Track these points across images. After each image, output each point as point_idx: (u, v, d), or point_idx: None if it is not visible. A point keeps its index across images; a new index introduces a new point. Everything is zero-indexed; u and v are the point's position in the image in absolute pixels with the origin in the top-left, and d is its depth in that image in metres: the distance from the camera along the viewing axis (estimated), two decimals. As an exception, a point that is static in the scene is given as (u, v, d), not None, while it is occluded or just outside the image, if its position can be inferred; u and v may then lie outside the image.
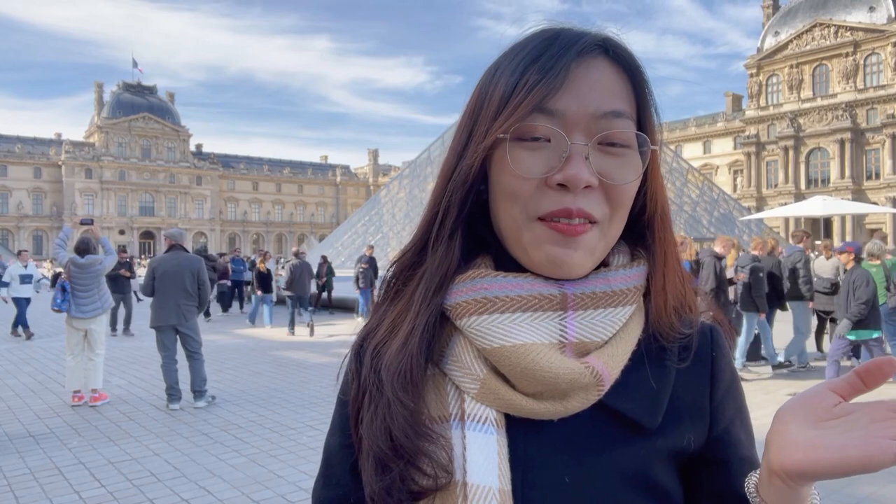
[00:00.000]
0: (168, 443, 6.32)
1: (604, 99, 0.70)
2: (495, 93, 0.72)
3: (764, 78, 67.98)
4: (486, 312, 0.72)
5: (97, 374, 7.96)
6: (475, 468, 0.68)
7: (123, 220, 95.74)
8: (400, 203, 37.37)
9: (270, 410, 7.51)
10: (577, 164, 0.68)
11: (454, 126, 0.83)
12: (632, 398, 0.72)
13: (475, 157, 0.73)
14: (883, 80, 60.43)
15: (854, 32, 61.46)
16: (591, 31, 0.73)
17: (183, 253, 8.14)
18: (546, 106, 0.69)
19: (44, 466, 5.65)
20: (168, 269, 7.76)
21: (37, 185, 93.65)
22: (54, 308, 7.91)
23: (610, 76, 0.72)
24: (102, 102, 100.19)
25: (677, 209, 37.24)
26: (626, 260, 0.78)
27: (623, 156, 0.71)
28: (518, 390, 0.70)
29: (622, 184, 0.71)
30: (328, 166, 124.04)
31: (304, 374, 9.67)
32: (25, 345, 13.39)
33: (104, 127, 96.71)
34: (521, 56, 0.72)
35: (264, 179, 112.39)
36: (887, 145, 59.58)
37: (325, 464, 0.86)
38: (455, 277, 0.76)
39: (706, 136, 75.68)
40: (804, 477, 0.59)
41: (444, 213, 0.76)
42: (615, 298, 0.73)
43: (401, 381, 0.72)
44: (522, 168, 0.70)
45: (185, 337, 7.87)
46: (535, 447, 0.71)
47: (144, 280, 7.85)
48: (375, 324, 0.82)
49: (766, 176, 67.99)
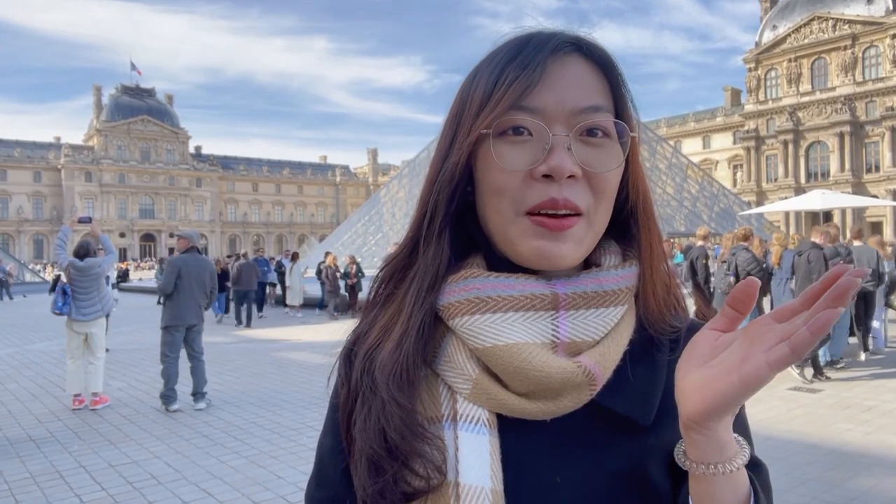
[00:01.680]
0: (169, 445, 6.31)
1: (581, 94, 0.72)
2: (476, 93, 0.74)
3: (762, 72, 67.87)
4: (479, 312, 0.72)
5: (98, 378, 7.95)
6: (467, 468, 0.68)
7: (124, 223, 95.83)
8: (400, 202, 37.36)
9: (271, 411, 7.51)
10: (559, 154, 0.69)
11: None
12: (624, 396, 0.72)
13: (460, 154, 0.74)
14: (882, 73, 60.31)
15: (852, 25, 61.34)
16: (563, 31, 0.74)
17: (198, 254, 8.26)
18: (525, 103, 0.70)
19: (45, 470, 5.64)
20: (192, 269, 7.86)
21: (37, 189, 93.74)
22: (55, 311, 7.90)
23: (586, 72, 0.73)
24: (101, 106, 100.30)
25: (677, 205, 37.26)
26: (617, 260, 0.78)
27: (603, 146, 0.72)
28: (510, 390, 0.71)
29: (604, 172, 0.72)
30: (328, 166, 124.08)
31: (305, 374, 9.70)
32: (26, 349, 13.39)
33: (103, 130, 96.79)
34: (498, 57, 0.74)
35: (264, 180, 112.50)
36: (886, 138, 59.48)
37: (318, 465, 0.86)
38: (447, 278, 0.76)
39: (705, 132, 75.57)
40: (707, 416, 0.59)
41: (433, 212, 0.77)
42: (607, 298, 0.74)
43: (396, 381, 0.72)
44: (507, 161, 0.71)
45: (196, 336, 7.95)
46: (527, 447, 0.71)
47: (166, 278, 7.80)
48: (366, 327, 0.82)
49: (765, 170, 67.91)
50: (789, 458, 5.43)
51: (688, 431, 0.62)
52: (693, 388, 0.60)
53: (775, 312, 0.59)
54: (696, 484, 0.65)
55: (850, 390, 7.79)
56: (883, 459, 5.44)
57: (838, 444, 5.88)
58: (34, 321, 18.86)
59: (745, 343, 0.59)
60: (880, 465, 5.32)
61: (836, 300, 0.53)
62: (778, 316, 0.58)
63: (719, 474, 0.62)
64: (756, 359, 0.56)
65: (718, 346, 0.61)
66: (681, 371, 0.63)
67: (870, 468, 5.25)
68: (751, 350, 0.57)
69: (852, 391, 7.75)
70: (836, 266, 0.56)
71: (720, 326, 0.62)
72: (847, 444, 5.88)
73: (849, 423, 6.51)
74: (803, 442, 5.87)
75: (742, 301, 0.60)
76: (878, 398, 7.42)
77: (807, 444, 5.83)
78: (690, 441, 0.63)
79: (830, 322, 0.53)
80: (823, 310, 0.53)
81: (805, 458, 5.46)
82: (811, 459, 5.45)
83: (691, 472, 0.64)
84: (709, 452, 0.62)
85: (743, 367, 0.57)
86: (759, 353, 0.57)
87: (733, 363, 0.58)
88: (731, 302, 0.61)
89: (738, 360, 0.58)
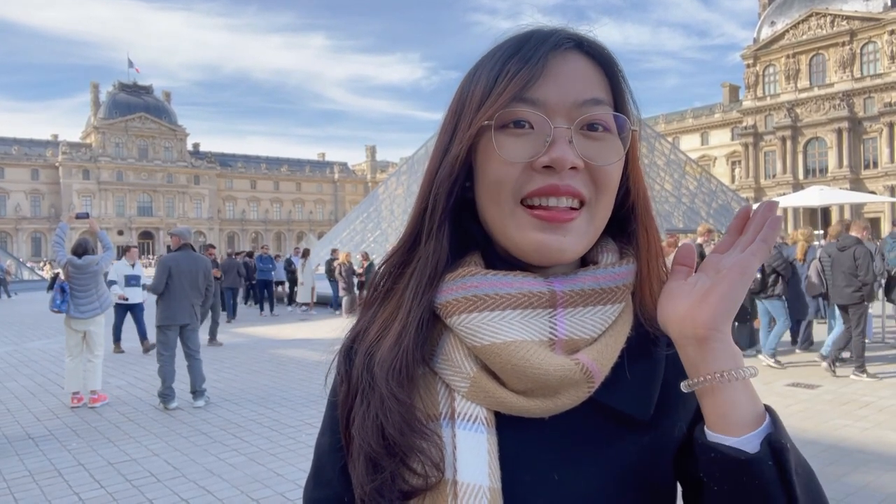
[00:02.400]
0: (167, 443, 6.31)
1: (582, 88, 0.72)
2: (477, 88, 0.74)
3: (761, 68, 67.84)
4: (476, 310, 0.72)
5: (96, 376, 7.94)
6: (465, 466, 0.68)
7: (122, 221, 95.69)
8: (398, 199, 37.31)
9: (269, 409, 7.51)
10: (561, 146, 0.70)
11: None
12: (623, 392, 0.72)
13: (461, 146, 0.74)
14: (880, 69, 60.33)
15: (850, 21, 61.31)
16: (563, 28, 0.75)
17: (193, 252, 8.17)
18: (527, 95, 0.71)
19: (43, 468, 5.64)
20: (183, 268, 7.79)
21: (34, 186, 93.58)
22: (53, 309, 7.89)
23: (586, 68, 0.74)
24: (99, 103, 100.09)
25: (676, 201, 37.22)
26: (615, 258, 0.78)
27: (604, 139, 0.73)
28: (508, 388, 0.70)
29: (606, 165, 0.72)
30: (326, 164, 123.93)
31: (304, 372, 9.72)
32: (24, 347, 13.34)
33: (101, 127, 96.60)
34: (499, 53, 0.74)
35: (262, 178, 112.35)
36: (885, 134, 59.53)
37: (316, 464, 0.86)
38: (445, 276, 0.76)
39: (703, 128, 75.57)
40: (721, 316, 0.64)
41: (432, 206, 0.76)
42: (604, 296, 0.74)
43: (395, 377, 0.72)
44: (508, 153, 0.71)
45: (190, 335, 7.88)
46: (525, 445, 0.71)
47: (157, 278, 7.79)
48: (366, 324, 0.81)
49: (764, 166, 67.92)
50: (787, 454, 5.44)
51: (704, 343, 0.64)
52: (693, 305, 0.65)
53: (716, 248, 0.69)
54: (714, 401, 0.64)
55: (847, 386, 7.81)
56: (880, 455, 5.45)
57: (836, 439, 5.90)
58: (32, 319, 18.83)
59: (710, 268, 0.67)
60: (878, 460, 5.34)
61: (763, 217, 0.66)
62: (719, 249, 0.69)
63: (740, 379, 0.64)
64: (735, 257, 0.66)
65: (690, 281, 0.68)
66: (667, 307, 0.68)
67: (867, 464, 5.26)
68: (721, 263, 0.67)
69: (850, 387, 7.77)
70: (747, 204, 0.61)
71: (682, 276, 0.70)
72: (844, 439, 5.89)
73: (846, 419, 6.52)
74: (801, 438, 5.88)
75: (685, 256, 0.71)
76: (875, 394, 7.44)
77: (804, 439, 5.84)
78: (708, 351, 0.64)
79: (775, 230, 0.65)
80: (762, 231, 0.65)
81: (803, 454, 5.47)
82: (809, 455, 5.37)
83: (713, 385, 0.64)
84: (726, 359, 0.64)
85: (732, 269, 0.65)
86: (732, 257, 0.66)
87: (715, 277, 0.66)
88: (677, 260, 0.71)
89: (717, 273, 0.66)
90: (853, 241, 8.26)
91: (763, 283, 8.84)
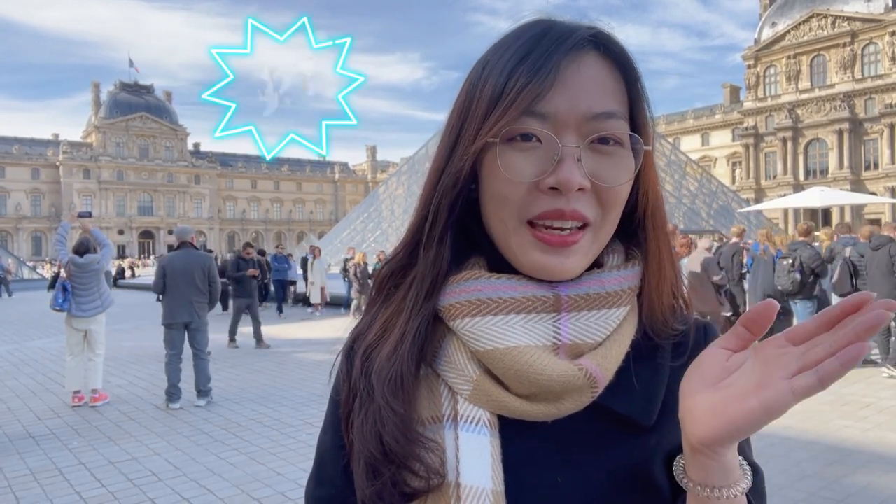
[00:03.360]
0: (168, 442, 6.32)
1: (595, 99, 0.69)
2: (484, 92, 0.71)
3: (762, 69, 67.75)
4: (480, 314, 0.71)
5: (97, 375, 7.95)
6: (468, 469, 0.68)
7: (122, 220, 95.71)
8: (398, 199, 37.32)
9: (270, 408, 7.51)
10: (568, 166, 0.67)
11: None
12: (626, 397, 0.72)
13: (464, 161, 0.72)
14: (881, 70, 60.25)
15: (851, 22, 61.23)
16: (582, 25, 0.71)
17: (192, 250, 8.16)
18: (536, 109, 0.67)
19: (44, 467, 5.64)
20: (178, 266, 7.79)
21: (35, 186, 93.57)
22: (55, 308, 7.88)
23: (601, 73, 0.70)
24: (99, 103, 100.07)
25: (676, 202, 37.19)
26: (620, 260, 0.77)
27: (615, 154, 0.70)
28: (511, 392, 0.70)
29: (615, 185, 0.70)
30: (326, 163, 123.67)
31: (304, 371, 9.67)
32: (25, 346, 13.37)
33: (102, 127, 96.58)
34: (510, 53, 0.70)
35: (262, 177, 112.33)
36: (885, 135, 59.44)
37: (318, 462, 0.86)
38: (448, 279, 0.75)
39: (704, 129, 75.48)
40: (722, 441, 0.58)
41: (434, 216, 0.75)
42: (609, 300, 0.73)
43: (391, 387, 0.71)
44: (513, 172, 0.68)
45: (194, 334, 7.89)
46: (528, 448, 0.71)
47: (155, 278, 7.91)
48: (367, 324, 0.81)
49: (764, 167, 67.84)
50: (787, 455, 5.44)
51: (695, 454, 0.61)
52: (704, 411, 0.58)
53: (789, 334, 0.56)
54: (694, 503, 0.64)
55: (848, 387, 7.80)
56: (881, 456, 5.45)
57: (836, 440, 5.90)
58: (33, 318, 18.84)
59: (758, 366, 0.56)
60: (878, 461, 5.33)
61: (866, 333, 0.50)
62: (792, 337, 0.55)
63: (722, 499, 0.61)
64: (778, 385, 0.54)
65: (729, 367, 0.59)
66: (687, 389, 0.61)
67: (867, 465, 5.26)
68: (768, 374, 0.55)
69: (850, 388, 7.76)
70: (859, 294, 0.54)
71: (730, 346, 0.59)
72: (845, 440, 5.89)
73: (847, 419, 6.52)
74: (801, 438, 5.88)
75: (757, 322, 0.58)
76: (875, 395, 7.44)
77: (805, 440, 5.84)
78: (697, 463, 0.61)
79: (861, 356, 0.50)
80: (853, 342, 0.51)
81: (803, 455, 5.48)
82: (809, 456, 5.47)
83: (692, 493, 0.63)
84: (714, 476, 0.61)
85: (763, 393, 0.54)
86: (779, 379, 0.54)
87: (748, 387, 0.56)
88: (745, 322, 0.58)
89: (754, 385, 0.55)
90: (886, 239, 8.37)
91: (802, 284, 8.68)
